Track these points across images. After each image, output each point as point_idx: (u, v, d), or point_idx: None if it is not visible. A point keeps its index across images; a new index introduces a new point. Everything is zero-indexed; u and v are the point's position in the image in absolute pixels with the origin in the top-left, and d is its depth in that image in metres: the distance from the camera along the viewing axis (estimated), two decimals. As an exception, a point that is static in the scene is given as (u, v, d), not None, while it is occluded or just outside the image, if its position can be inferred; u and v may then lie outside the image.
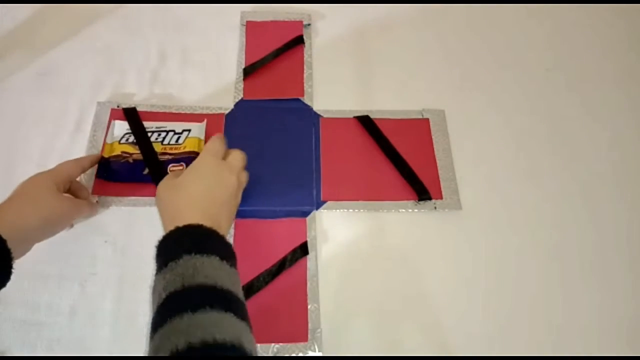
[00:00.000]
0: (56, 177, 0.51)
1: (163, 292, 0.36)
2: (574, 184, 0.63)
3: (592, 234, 0.60)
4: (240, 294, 0.39)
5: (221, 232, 0.42)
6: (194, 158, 0.58)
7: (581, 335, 0.54)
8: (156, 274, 0.39)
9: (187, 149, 0.60)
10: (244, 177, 0.52)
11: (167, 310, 0.35)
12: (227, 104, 0.67)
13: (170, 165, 0.59)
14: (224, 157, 0.51)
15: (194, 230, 0.41)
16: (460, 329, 0.54)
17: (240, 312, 0.37)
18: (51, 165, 0.61)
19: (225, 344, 0.33)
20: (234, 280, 0.39)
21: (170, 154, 0.60)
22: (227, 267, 0.39)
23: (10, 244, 0.42)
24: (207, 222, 0.42)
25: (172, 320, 0.34)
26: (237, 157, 0.52)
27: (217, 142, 0.52)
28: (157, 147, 0.60)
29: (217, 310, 0.35)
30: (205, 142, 0.62)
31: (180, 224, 0.41)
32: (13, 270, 0.44)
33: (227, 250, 0.41)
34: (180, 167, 0.58)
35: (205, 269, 0.37)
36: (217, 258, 0.39)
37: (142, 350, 0.51)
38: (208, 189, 0.46)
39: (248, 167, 0.56)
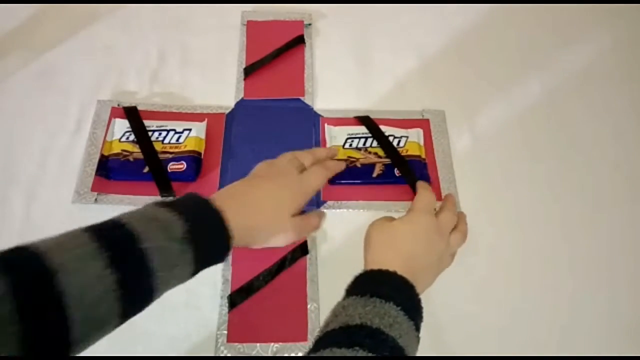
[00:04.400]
0: (301, 201, 0.49)
1: (356, 319, 0.38)
2: (576, 184, 0.63)
3: (594, 234, 0.59)
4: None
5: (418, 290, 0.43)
6: (194, 157, 0.59)
7: (583, 336, 0.54)
8: (352, 296, 0.41)
9: (187, 148, 0.60)
10: (455, 240, 0.49)
11: (348, 336, 0.37)
12: (227, 104, 0.67)
13: (171, 163, 0.59)
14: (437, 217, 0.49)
15: (407, 286, 0.42)
16: (460, 329, 0.54)
17: None
18: (51, 164, 0.61)
19: None
20: (415, 346, 0.40)
21: (170, 153, 0.60)
22: (414, 335, 0.40)
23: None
24: (408, 278, 0.43)
25: (347, 349, 0.35)
26: (449, 219, 0.49)
27: (429, 196, 0.50)
28: (158, 146, 0.60)
29: None
30: (206, 141, 0.62)
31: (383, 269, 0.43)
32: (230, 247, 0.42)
33: (419, 313, 0.42)
34: (181, 166, 0.59)
35: (403, 330, 0.38)
36: (414, 327, 0.40)
37: (142, 350, 0.51)
38: (416, 251, 0.46)
39: (248, 168, 0.56)
